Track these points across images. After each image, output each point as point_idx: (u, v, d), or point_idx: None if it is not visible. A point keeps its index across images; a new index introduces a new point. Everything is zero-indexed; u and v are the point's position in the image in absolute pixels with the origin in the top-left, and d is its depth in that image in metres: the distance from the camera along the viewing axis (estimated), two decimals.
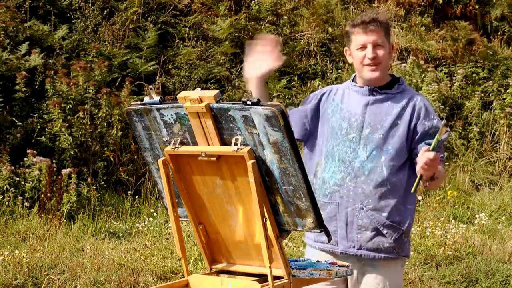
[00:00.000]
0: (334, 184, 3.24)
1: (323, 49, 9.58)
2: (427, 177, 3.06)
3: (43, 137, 7.19)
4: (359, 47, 3.24)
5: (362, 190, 3.21)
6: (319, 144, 3.34)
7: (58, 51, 8.13)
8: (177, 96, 2.61)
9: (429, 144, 3.10)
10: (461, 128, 8.86)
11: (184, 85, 8.38)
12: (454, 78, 9.43)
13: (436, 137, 2.98)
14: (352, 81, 3.36)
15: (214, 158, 2.59)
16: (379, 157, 3.20)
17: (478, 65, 9.76)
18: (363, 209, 3.21)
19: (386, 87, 3.29)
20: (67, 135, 7.12)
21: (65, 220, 6.47)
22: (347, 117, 3.26)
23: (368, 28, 3.21)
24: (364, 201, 3.21)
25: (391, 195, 3.21)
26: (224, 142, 2.58)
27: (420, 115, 3.24)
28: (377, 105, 3.26)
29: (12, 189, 6.56)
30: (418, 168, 3.05)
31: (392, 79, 3.32)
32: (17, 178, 6.66)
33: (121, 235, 6.46)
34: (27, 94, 7.45)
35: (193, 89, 2.60)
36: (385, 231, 3.22)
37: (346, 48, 3.34)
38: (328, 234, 2.64)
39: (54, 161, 6.93)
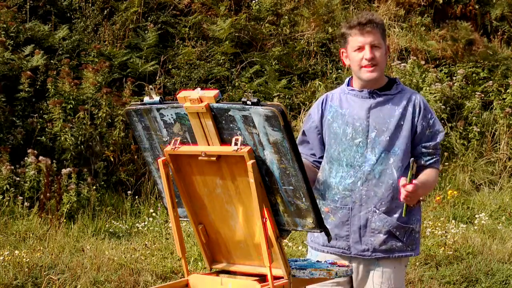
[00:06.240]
0: (344, 189, 3.26)
1: (323, 49, 9.58)
2: (412, 204, 3.22)
3: (43, 137, 7.18)
4: (357, 49, 3.26)
5: (375, 193, 3.24)
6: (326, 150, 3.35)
7: (59, 51, 8.12)
8: (177, 96, 2.61)
9: (426, 148, 3.28)
10: (461, 128, 8.85)
11: (184, 85, 8.37)
12: (454, 78, 9.42)
13: (409, 172, 3.13)
14: (348, 85, 3.37)
15: (214, 158, 2.59)
16: (388, 159, 3.24)
17: (478, 65, 9.75)
18: (376, 212, 3.24)
19: (384, 89, 3.31)
20: (68, 136, 7.12)
21: (65, 220, 6.46)
22: (351, 122, 3.27)
23: (365, 30, 3.23)
24: (377, 204, 3.24)
25: None
26: (224, 142, 2.58)
27: (420, 113, 3.29)
28: (379, 107, 3.28)
29: (12, 189, 6.56)
30: (401, 199, 3.17)
31: (389, 80, 3.34)
32: (17, 178, 6.65)
33: (121, 235, 6.45)
34: (30, 94, 7.45)
35: (193, 89, 2.60)
36: (397, 233, 3.26)
37: (342, 50, 3.35)
38: (328, 234, 2.65)
39: (54, 161, 6.93)
